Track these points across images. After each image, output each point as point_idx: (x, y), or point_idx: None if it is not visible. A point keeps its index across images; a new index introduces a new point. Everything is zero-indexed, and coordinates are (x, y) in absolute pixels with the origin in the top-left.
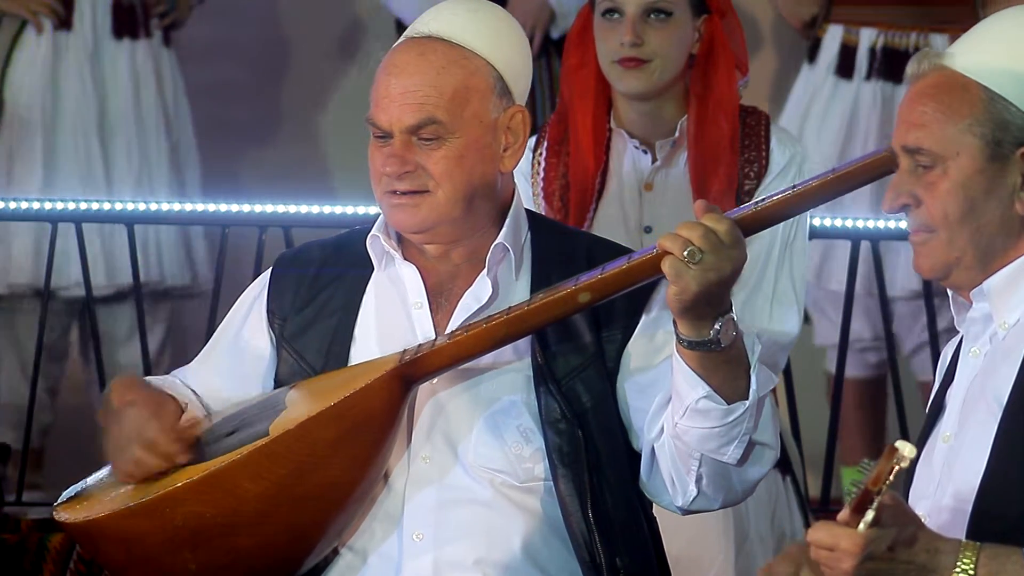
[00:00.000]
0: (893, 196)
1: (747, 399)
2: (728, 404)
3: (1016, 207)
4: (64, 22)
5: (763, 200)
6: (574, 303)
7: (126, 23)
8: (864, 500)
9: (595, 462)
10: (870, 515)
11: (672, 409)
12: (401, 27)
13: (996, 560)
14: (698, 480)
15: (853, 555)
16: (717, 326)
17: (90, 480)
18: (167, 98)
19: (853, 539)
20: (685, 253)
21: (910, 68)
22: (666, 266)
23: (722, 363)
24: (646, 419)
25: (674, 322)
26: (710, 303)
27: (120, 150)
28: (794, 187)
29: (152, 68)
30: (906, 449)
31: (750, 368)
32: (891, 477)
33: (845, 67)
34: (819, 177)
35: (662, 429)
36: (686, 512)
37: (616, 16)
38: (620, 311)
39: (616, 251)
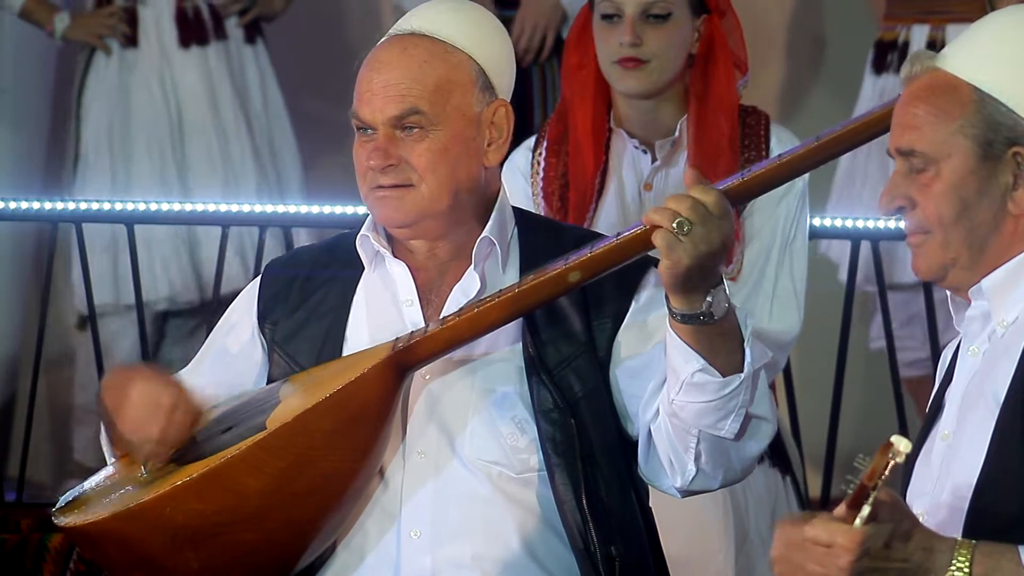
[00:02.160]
0: (889, 199)
1: (742, 371)
2: (723, 376)
3: (1009, 207)
4: (130, 40)
5: (750, 170)
6: (565, 282)
7: (192, 31)
8: (860, 495)
9: (588, 451)
10: (866, 510)
11: (668, 386)
12: None
13: (991, 558)
14: (696, 457)
15: (850, 551)
16: (709, 298)
17: (87, 484)
18: (252, 97)
19: (850, 536)
20: (674, 225)
21: (904, 70)
22: (657, 239)
23: (716, 336)
24: (640, 403)
25: (666, 297)
26: (702, 275)
27: (200, 157)
28: (780, 156)
29: (226, 70)
30: (901, 444)
31: (744, 341)
32: (887, 472)
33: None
34: (804, 144)
35: (657, 411)
36: (686, 493)
37: (615, 18)
38: (610, 299)
39: None
